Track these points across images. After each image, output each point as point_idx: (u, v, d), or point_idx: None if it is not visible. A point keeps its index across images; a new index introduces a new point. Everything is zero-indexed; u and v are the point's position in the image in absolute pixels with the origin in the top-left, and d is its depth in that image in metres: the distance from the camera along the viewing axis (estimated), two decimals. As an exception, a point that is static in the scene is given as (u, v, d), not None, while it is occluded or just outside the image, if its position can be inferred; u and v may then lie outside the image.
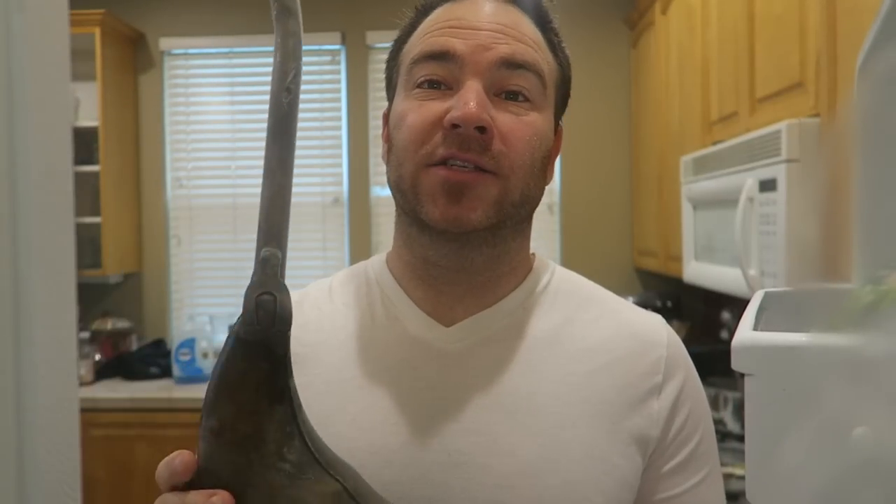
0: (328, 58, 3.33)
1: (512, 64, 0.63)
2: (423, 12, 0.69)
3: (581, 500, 0.63)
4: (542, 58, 0.67)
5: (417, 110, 0.63)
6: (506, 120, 0.62)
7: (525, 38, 0.65)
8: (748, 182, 1.49)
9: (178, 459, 0.47)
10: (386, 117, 0.71)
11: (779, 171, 1.35)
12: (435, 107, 0.62)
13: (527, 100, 0.64)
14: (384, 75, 0.74)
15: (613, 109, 3.24)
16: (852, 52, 1.15)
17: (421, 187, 0.63)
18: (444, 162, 0.61)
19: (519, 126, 0.63)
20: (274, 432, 0.45)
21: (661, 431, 0.67)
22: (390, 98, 0.71)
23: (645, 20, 2.86)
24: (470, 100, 0.60)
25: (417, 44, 0.66)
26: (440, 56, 0.63)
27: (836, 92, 1.26)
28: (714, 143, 1.92)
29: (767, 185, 1.40)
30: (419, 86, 0.64)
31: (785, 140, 1.33)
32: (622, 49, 3.22)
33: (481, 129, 0.60)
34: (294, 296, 0.76)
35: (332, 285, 0.75)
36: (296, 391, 0.48)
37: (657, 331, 0.72)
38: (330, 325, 0.71)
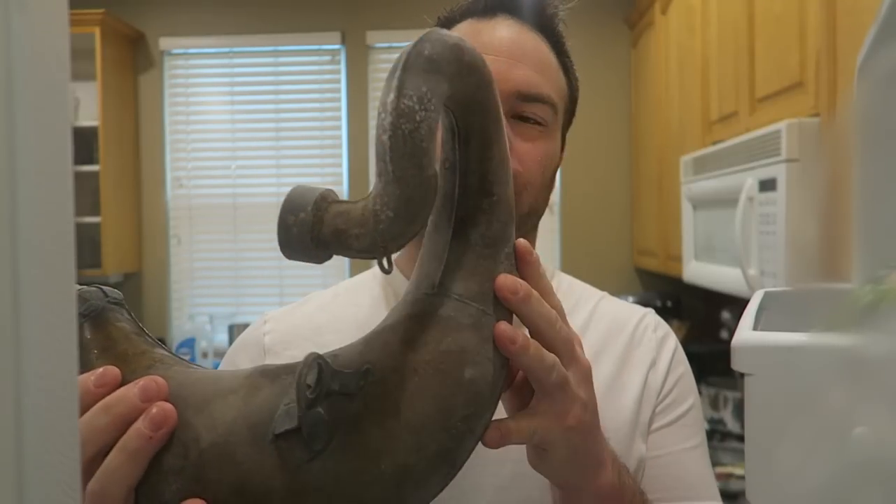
0: (328, 58, 3.33)
1: (527, 97, 0.66)
2: (447, 24, 0.72)
3: None
4: (555, 85, 0.70)
5: None
6: (521, 143, 0.66)
7: (541, 64, 0.68)
8: (748, 182, 1.49)
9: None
10: None
11: (779, 171, 1.35)
12: None
13: (538, 124, 0.67)
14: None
15: (613, 109, 3.24)
16: (852, 52, 1.15)
17: None
18: None
19: (532, 149, 0.67)
20: None
21: (657, 397, 0.73)
22: None
23: (645, 20, 2.86)
24: None
25: None
26: None
27: (836, 92, 1.26)
28: (714, 143, 1.92)
29: (767, 185, 1.40)
30: None
31: (785, 140, 1.33)
32: (622, 49, 3.21)
33: None
34: (295, 304, 0.78)
35: (338, 291, 0.79)
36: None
37: (646, 318, 0.79)
38: (345, 325, 0.72)
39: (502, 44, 0.67)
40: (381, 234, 0.40)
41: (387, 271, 0.42)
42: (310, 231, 0.40)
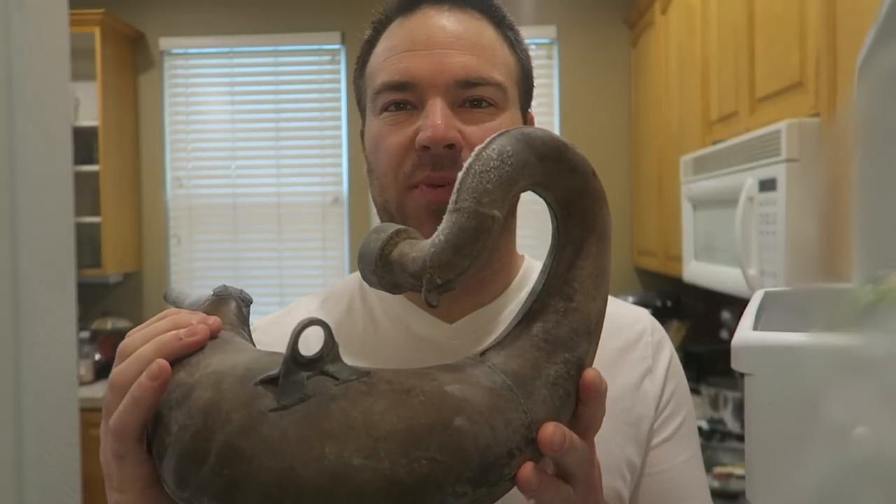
0: (328, 58, 3.33)
1: (467, 83, 0.64)
2: (378, 28, 0.70)
3: None
4: (499, 63, 0.67)
5: (389, 135, 0.65)
6: (473, 130, 0.64)
7: (477, 47, 0.66)
8: (748, 182, 1.49)
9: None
10: (363, 134, 0.73)
11: (779, 171, 1.35)
12: (405, 130, 0.64)
13: (490, 105, 0.65)
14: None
15: (613, 109, 3.24)
16: (852, 52, 1.15)
17: (407, 210, 0.64)
18: (423, 182, 0.63)
19: (486, 134, 0.65)
20: None
21: (654, 410, 0.71)
22: (362, 116, 0.73)
23: (645, 20, 2.86)
24: (436, 119, 0.62)
25: (378, 70, 0.67)
26: (400, 87, 0.64)
27: (836, 92, 1.26)
28: (714, 143, 1.92)
29: (767, 185, 1.40)
30: (386, 109, 0.66)
31: (785, 140, 1.33)
32: (622, 49, 3.21)
33: (450, 146, 0.62)
34: (281, 312, 0.77)
35: (325, 298, 0.77)
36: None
37: (641, 320, 0.76)
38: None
39: (431, 36, 0.65)
40: (431, 258, 0.42)
41: (433, 305, 0.43)
42: (381, 248, 0.44)
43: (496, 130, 0.64)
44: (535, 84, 0.74)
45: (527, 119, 0.73)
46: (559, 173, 0.47)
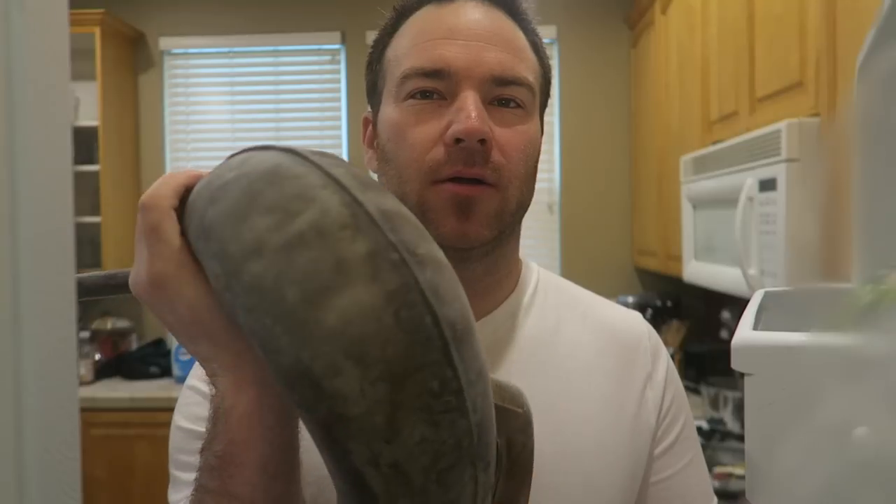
0: (328, 58, 3.33)
1: (503, 80, 0.63)
2: (404, 13, 0.69)
3: (596, 492, 0.65)
4: (529, 66, 0.66)
5: (416, 126, 0.62)
6: (502, 131, 0.63)
7: (512, 45, 0.65)
8: (748, 182, 1.49)
9: None
10: (367, 121, 0.72)
11: (779, 171, 1.35)
12: (434, 121, 0.62)
13: (519, 106, 0.64)
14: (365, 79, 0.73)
15: (613, 109, 3.24)
16: (852, 52, 1.15)
17: (429, 204, 0.62)
18: (450, 179, 0.61)
19: (514, 136, 0.64)
20: None
21: (656, 419, 0.71)
22: (374, 102, 0.71)
23: (645, 20, 2.86)
24: (471, 112, 0.60)
25: (407, 54, 0.65)
26: (434, 73, 0.62)
27: (836, 92, 1.26)
28: (714, 143, 1.92)
29: (767, 185, 1.40)
30: (411, 96, 0.64)
31: (785, 140, 1.33)
32: (622, 49, 3.21)
33: (481, 141, 0.60)
34: None
35: None
36: None
37: (638, 325, 0.75)
38: None
39: (469, 27, 0.64)
40: None
41: None
42: None
43: (524, 134, 0.64)
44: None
45: (542, 126, 0.72)
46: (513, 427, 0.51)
